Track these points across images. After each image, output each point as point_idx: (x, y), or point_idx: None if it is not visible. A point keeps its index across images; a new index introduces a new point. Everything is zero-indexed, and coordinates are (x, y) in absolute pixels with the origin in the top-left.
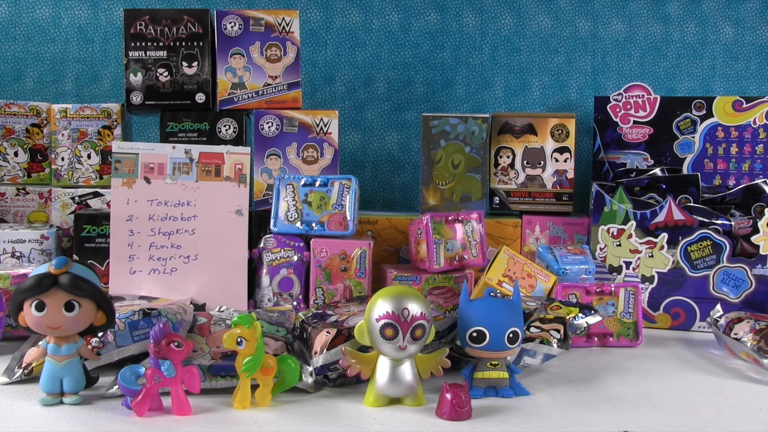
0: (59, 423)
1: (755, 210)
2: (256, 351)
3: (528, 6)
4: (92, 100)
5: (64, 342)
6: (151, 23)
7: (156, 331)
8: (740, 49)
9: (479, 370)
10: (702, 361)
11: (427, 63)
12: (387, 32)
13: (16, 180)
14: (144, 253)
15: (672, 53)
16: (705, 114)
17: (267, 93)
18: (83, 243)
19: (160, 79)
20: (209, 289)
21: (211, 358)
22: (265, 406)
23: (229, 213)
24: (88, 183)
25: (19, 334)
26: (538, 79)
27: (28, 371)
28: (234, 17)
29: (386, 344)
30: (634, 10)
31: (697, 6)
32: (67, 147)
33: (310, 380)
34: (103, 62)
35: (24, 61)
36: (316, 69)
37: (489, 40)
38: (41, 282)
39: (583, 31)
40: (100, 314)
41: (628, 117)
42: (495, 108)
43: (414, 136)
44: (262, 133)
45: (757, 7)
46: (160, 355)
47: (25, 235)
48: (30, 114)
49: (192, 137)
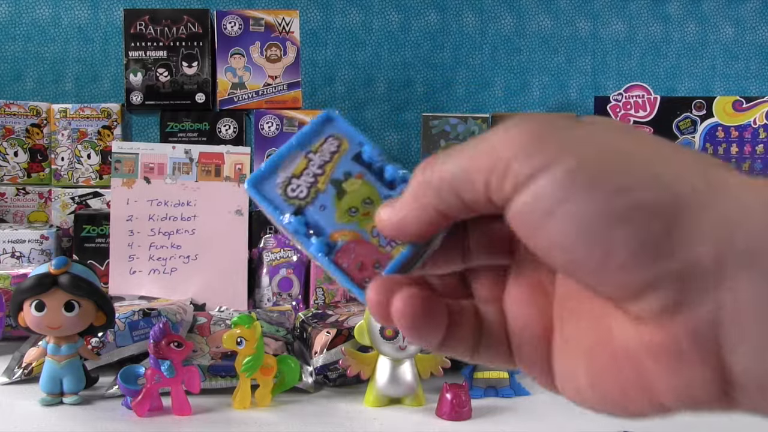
0: (59, 423)
1: None
2: (256, 351)
3: (528, 6)
4: (92, 100)
5: (64, 342)
6: (151, 23)
7: (156, 331)
8: (740, 49)
9: (479, 370)
10: None
11: (427, 63)
12: (387, 32)
13: (16, 180)
14: (144, 253)
15: (672, 53)
16: (705, 114)
17: (267, 93)
18: (83, 243)
19: (160, 79)
20: (209, 288)
21: (210, 358)
22: (265, 406)
23: (229, 213)
24: (87, 183)
25: (19, 334)
26: (538, 79)
27: (28, 371)
28: (234, 17)
29: (386, 344)
30: (634, 10)
31: (697, 6)
32: (67, 147)
33: (310, 380)
34: (103, 62)
35: (24, 61)
36: (316, 69)
37: (489, 40)
38: (41, 282)
39: (583, 31)
40: (100, 314)
41: (628, 117)
42: (495, 108)
43: (414, 136)
44: (262, 133)
45: (757, 7)
46: (160, 355)
47: (25, 235)
48: (30, 114)
49: (192, 137)
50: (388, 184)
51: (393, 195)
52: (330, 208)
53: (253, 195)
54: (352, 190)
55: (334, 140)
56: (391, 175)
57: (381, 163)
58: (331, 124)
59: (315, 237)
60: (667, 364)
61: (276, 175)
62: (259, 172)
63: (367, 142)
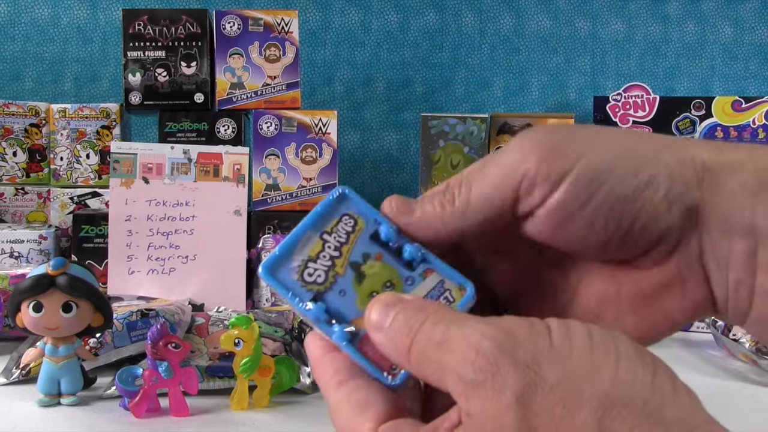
0: (57, 423)
1: None
2: (254, 352)
3: (527, 6)
4: (91, 100)
5: (62, 343)
6: (149, 23)
7: (154, 332)
8: (739, 49)
9: None
10: (700, 362)
11: (426, 63)
12: (386, 32)
13: (15, 180)
14: (142, 254)
15: (671, 53)
16: (704, 114)
17: (266, 93)
18: (82, 243)
19: (159, 79)
20: (207, 289)
21: (208, 358)
22: (262, 407)
23: (227, 213)
24: (86, 183)
25: (17, 334)
26: (537, 79)
27: (26, 372)
28: (233, 17)
29: None
30: (633, 10)
31: (696, 6)
32: (66, 147)
33: (307, 381)
34: (102, 62)
35: (22, 61)
36: (315, 69)
37: (488, 40)
38: (39, 283)
39: (582, 31)
40: (98, 315)
41: (628, 117)
42: (494, 108)
43: (413, 136)
44: (260, 133)
45: (757, 7)
46: (158, 356)
47: (24, 235)
48: (29, 114)
49: (191, 137)
50: (407, 264)
51: (413, 276)
52: (350, 293)
53: (268, 282)
54: (371, 273)
55: (349, 219)
56: (410, 255)
57: (399, 242)
58: (345, 203)
59: (337, 325)
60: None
61: (291, 259)
62: (274, 257)
63: (384, 220)
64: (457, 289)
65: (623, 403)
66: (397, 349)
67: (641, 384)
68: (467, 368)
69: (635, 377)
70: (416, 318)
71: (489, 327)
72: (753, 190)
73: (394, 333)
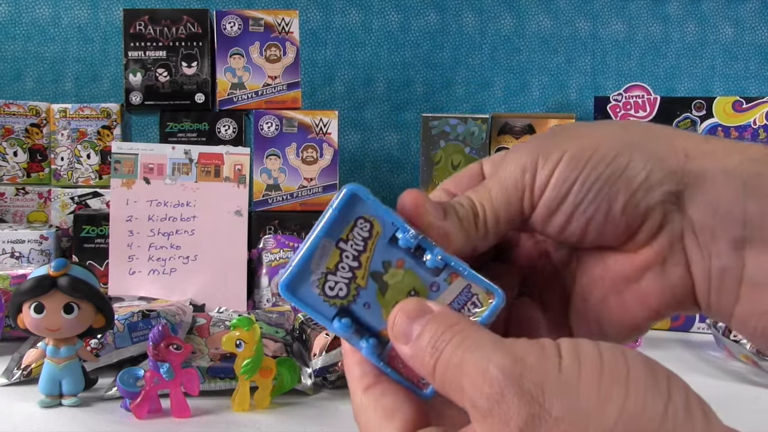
0: (58, 424)
1: None
2: (255, 353)
3: (527, 6)
4: (92, 100)
5: (63, 344)
6: (150, 23)
7: (155, 333)
8: (740, 49)
9: None
10: (701, 362)
11: (426, 63)
12: (386, 32)
13: (16, 180)
14: (143, 254)
15: (671, 53)
16: (705, 114)
17: (266, 93)
18: (82, 243)
19: (160, 80)
20: (208, 289)
21: (210, 359)
22: (264, 408)
23: (228, 213)
24: (87, 183)
25: (18, 334)
26: (538, 79)
27: (27, 373)
28: (233, 17)
29: None
30: (633, 10)
31: (696, 6)
32: (67, 147)
33: (309, 382)
34: (103, 62)
35: (23, 61)
36: (315, 69)
37: (489, 40)
38: (40, 284)
39: (582, 32)
40: (99, 316)
41: (628, 117)
42: (495, 108)
43: (413, 137)
44: (261, 134)
45: (757, 7)
46: (159, 357)
47: (25, 236)
48: (29, 114)
49: (191, 137)
50: (431, 270)
51: (438, 281)
52: (375, 306)
53: (290, 300)
54: (394, 283)
55: (365, 223)
56: (433, 264)
57: (419, 243)
58: (357, 205)
59: (364, 340)
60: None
61: (309, 273)
62: (292, 274)
63: (401, 223)
64: (484, 294)
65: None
66: (424, 367)
67: (651, 415)
68: (477, 395)
69: (645, 407)
70: (442, 338)
71: (499, 353)
72: (742, 178)
73: (421, 352)
